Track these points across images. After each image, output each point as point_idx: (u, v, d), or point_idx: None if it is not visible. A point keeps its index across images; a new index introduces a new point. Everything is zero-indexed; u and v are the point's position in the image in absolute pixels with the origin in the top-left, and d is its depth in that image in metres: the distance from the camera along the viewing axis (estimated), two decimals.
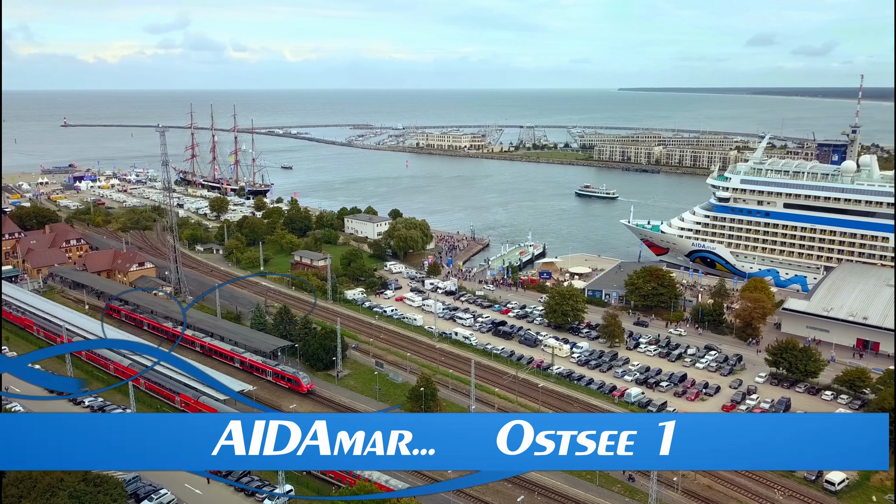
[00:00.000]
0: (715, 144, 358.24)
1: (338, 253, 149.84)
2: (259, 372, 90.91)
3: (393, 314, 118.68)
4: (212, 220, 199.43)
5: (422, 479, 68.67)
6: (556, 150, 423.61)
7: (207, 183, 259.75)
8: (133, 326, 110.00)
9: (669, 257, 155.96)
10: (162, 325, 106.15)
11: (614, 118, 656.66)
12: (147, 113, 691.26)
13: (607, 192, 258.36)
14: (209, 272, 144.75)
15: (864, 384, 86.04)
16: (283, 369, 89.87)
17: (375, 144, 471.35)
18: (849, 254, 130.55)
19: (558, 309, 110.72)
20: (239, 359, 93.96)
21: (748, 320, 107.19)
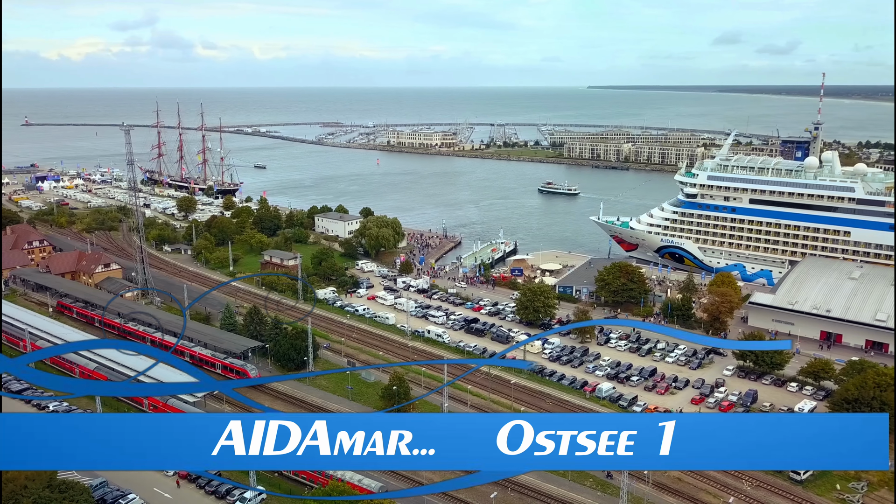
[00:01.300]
0: (682, 141, 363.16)
1: (308, 252, 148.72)
2: (208, 365, 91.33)
3: (365, 313, 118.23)
4: (179, 220, 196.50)
5: (397, 479, 68.58)
6: (527, 147, 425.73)
7: (175, 182, 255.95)
8: (84, 324, 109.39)
9: (639, 253, 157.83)
10: (113, 321, 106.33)
11: (584, 116, 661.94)
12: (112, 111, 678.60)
13: (569, 189, 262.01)
14: (177, 273, 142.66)
15: (828, 375, 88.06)
16: (231, 362, 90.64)
17: (346, 142, 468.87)
18: (812, 248, 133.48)
19: (530, 305, 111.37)
20: (189, 353, 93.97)
21: (716, 314, 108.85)
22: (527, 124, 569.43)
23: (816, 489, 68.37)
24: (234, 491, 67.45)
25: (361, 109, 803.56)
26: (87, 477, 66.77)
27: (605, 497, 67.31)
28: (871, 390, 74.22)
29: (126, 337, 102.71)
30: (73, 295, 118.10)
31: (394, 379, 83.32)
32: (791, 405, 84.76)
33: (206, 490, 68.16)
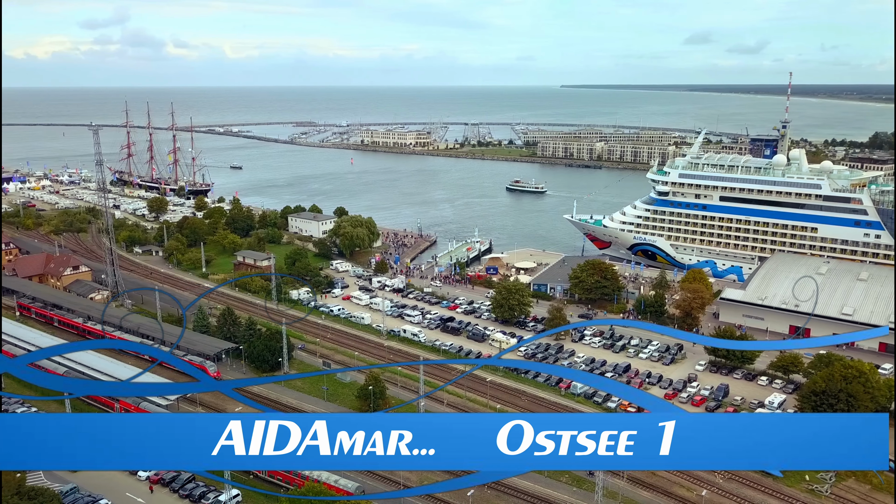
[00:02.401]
0: (654, 140, 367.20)
1: (282, 252, 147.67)
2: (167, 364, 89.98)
3: (340, 313, 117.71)
4: (150, 221, 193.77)
5: (375, 479, 68.44)
6: (501, 146, 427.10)
7: (145, 183, 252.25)
8: (43, 324, 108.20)
9: (612, 251, 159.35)
10: (72, 321, 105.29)
11: (557, 115, 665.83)
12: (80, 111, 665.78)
13: (536, 187, 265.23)
14: (148, 274, 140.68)
15: (797, 369, 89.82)
16: (190, 359, 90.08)
17: (319, 142, 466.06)
18: (780, 244, 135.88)
19: (505, 303, 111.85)
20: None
21: (688, 310, 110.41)
22: (501, 123, 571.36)
23: (786, 480, 69.65)
24: (208, 494, 66.81)
25: (335, 109, 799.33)
26: (57, 483, 65.64)
27: (581, 493, 67.88)
28: (838, 383, 75.87)
29: (86, 337, 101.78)
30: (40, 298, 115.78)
31: (369, 379, 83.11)
32: (761, 398, 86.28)
33: (179, 494, 67.38)
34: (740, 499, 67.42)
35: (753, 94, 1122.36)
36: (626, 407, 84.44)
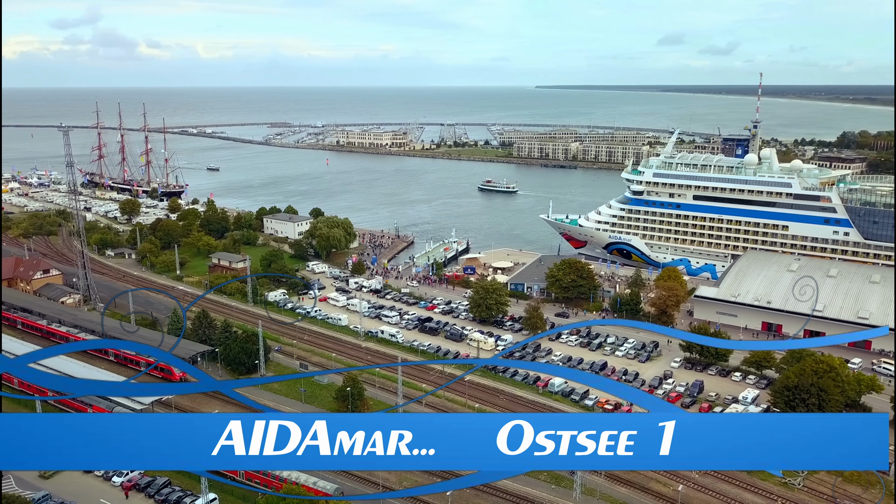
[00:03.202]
0: (628, 140, 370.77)
1: (257, 254, 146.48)
2: (134, 364, 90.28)
3: (317, 315, 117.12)
4: (123, 223, 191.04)
5: (353, 480, 68.20)
6: (477, 147, 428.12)
7: (117, 185, 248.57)
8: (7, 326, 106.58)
9: (588, 250, 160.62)
10: (35, 322, 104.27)
11: (533, 116, 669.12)
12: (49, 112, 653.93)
13: (508, 187, 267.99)
14: (121, 277, 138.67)
15: (769, 365, 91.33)
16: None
17: (294, 143, 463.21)
18: (753, 242, 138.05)
19: (482, 303, 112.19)
20: (113, 352, 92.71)
21: (663, 308, 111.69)
22: (476, 124, 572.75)
23: (760, 473, 70.75)
24: (185, 499, 66.08)
25: (310, 109, 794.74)
26: (28, 490, 64.48)
27: (559, 490, 68.31)
28: (809, 377, 77.33)
29: (50, 338, 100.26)
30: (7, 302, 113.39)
31: (347, 380, 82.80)
32: (735, 394, 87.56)
33: (155, 499, 66.58)
34: (716, 493, 68.36)
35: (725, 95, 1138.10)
36: (603, 404, 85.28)
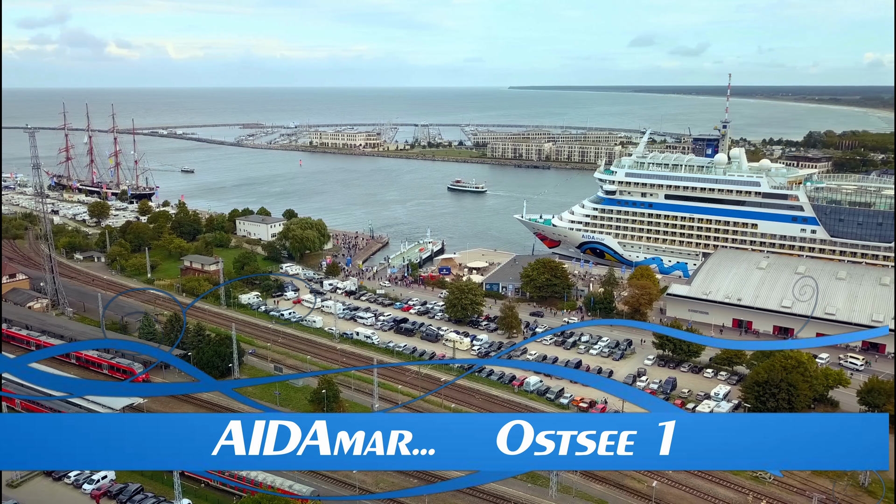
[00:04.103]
0: (601, 140, 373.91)
1: (230, 256, 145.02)
2: (95, 367, 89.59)
3: (291, 317, 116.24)
4: (91, 226, 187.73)
5: (328, 482, 67.83)
6: (451, 147, 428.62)
7: (85, 187, 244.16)
8: None
9: (561, 249, 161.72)
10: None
11: (506, 116, 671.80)
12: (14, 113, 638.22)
13: (476, 187, 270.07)
14: (90, 281, 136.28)
15: (740, 361, 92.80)
16: (118, 362, 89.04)
17: (267, 144, 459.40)
18: (723, 240, 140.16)
19: (458, 303, 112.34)
20: (75, 355, 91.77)
21: (636, 306, 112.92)
22: (450, 125, 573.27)
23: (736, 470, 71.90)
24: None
25: (283, 110, 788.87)
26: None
27: (535, 489, 68.65)
28: (778, 373, 78.74)
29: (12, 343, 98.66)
30: None
31: (322, 382, 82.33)
32: (707, 390, 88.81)
33: None
34: (689, 488, 69.27)
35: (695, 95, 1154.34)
36: (577, 402, 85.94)
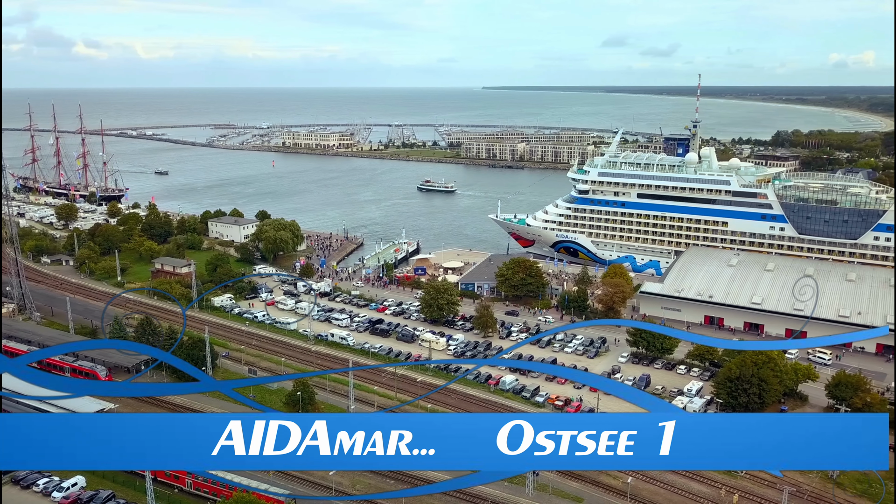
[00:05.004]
0: (574, 140, 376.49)
1: (203, 258, 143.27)
2: (57, 370, 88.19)
3: (265, 319, 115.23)
4: (59, 229, 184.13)
5: (304, 485, 67.37)
6: (425, 148, 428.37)
7: (52, 189, 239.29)
8: None
9: (536, 248, 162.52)
10: None
11: (480, 116, 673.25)
12: None
13: (446, 186, 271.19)
14: (58, 285, 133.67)
15: (712, 357, 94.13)
16: (80, 364, 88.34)
17: (239, 144, 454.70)
18: (695, 238, 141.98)
19: (433, 303, 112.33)
20: None
21: (610, 304, 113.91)
22: (424, 125, 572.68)
23: None
24: None
25: (255, 110, 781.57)
26: None
27: (512, 487, 68.85)
28: (749, 368, 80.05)
29: None
30: None
31: (297, 384, 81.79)
32: (680, 386, 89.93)
33: None
34: (663, 484, 70.05)
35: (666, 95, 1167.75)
36: (553, 401, 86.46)
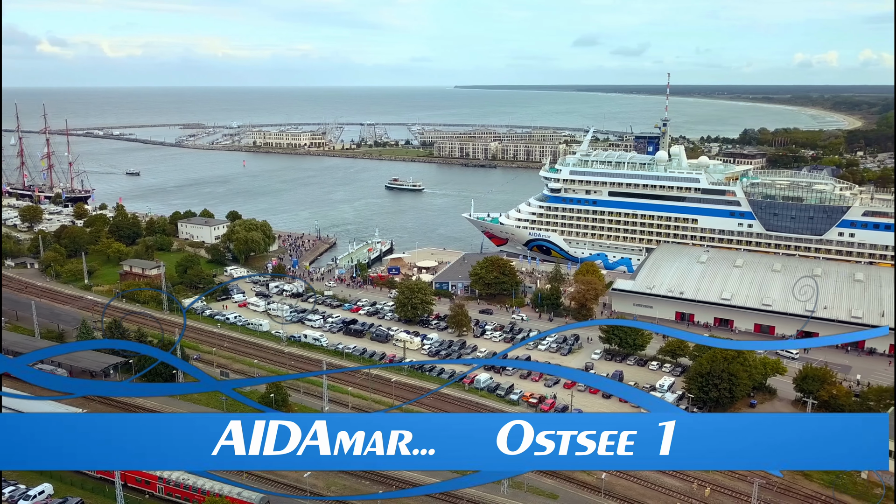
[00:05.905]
0: (546, 139, 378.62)
1: (172, 260, 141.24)
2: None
3: (237, 321, 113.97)
4: (23, 231, 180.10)
5: (279, 487, 66.76)
6: (398, 147, 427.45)
7: (15, 191, 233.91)
8: None
9: (509, 247, 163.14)
10: None
11: (454, 115, 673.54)
12: None
13: (414, 185, 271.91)
14: (23, 289, 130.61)
15: (683, 353, 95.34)
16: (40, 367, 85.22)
17: (209, 144, 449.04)
18: (665, 235, 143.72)
19: (408, 303, 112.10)
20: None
21: (583, 302, 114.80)
22: (397, 124, 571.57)
23: None
24: None
25: (225, 110, 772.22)
26: None
27: (487, 485, 68.95)
28: (720, 363, 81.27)
29: None
30: None
31: (270, 386, 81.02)
32: (653, 382, 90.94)
33: None
34: (637, 479, 70.77)
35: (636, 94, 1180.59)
36: (527, 398, 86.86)
